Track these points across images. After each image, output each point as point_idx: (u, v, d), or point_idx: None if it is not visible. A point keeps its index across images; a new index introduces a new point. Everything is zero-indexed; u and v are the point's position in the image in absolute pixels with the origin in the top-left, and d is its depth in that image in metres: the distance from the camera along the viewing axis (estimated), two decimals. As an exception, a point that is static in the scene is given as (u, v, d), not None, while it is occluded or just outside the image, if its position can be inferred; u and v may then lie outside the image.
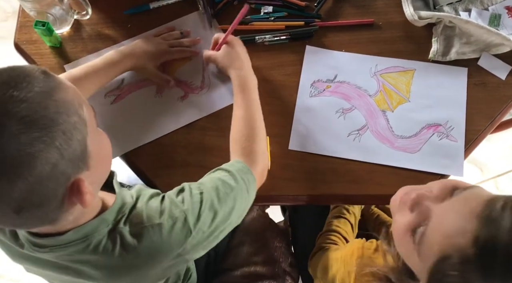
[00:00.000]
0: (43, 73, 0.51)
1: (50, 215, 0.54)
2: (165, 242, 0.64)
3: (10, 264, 0.74)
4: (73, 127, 0.51)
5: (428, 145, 0.88)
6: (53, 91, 0.50)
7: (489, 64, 0.94)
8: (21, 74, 0.49)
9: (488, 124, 0.90)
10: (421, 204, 0.55)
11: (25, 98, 0.47)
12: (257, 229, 1.06)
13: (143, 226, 0.64)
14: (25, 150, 0.46)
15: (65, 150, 0.49)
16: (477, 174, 1.81)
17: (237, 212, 0.73)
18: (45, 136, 0.48)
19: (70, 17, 0.96)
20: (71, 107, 0.51)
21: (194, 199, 0.68)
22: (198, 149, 0.89)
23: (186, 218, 0.66)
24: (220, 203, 0.70)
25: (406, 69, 0.95)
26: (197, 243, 0.68)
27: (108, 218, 0.63)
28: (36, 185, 0.48)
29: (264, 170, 0.82)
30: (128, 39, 0.98)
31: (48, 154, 0.48)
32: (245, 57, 0.90)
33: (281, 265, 1.02)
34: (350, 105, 0.92)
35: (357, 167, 0.88)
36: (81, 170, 0.53)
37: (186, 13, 1.01)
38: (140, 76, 0.95)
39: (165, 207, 0.67)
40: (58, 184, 0.51)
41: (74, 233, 0.60)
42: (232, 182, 0.72)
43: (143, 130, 0.91)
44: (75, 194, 0.53)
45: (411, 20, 0.96)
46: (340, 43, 0.98)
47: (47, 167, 0.48)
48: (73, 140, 0.51)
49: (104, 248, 0.62)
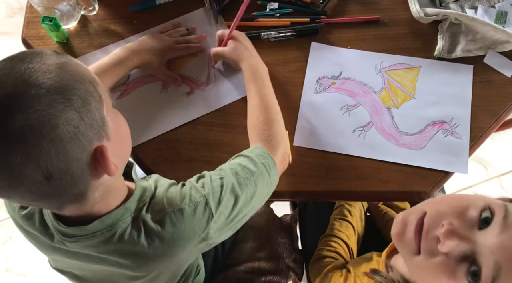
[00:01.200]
0: (54, 51, 0.55)
1: (78, 185, 0.54)
2: (187, 227, 0.65)
3: (17, 258, 0.75)
4: (89, 94, 0.53)
5: (432, 142, 0.89)
6: (66, 64, 0.53)
7: (495, 62, 0.94)
8: (34, 52, 0.53)
9: (493, 122, 0.90)
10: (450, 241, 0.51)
11: (40, 69, 0.50)
12: (261, 224, 1.07)
13: (165, 212, 0.65)
14: (46, 110, 0.48)
15: (84, 114, 0.52)
16: (482, 173, 1.80)
17: (259, 197, 0.74)
18: (63, 98, 0.50)
19: (77, 12, 0.97)
20: (85, 78, 0.54)
21: (214, 184, 0.69)
22: (203, 144, 0.90)
23: (207, 202, 0.67)
24: (241, 188, 0.70)
25: (412, 66, 0.95)
26: (220, 227, 0.69)
27: (131, 207, 0.64)
28: (61, 146, 0.50)
29: (285, 154, 0.82)
30: (134, 35, 0.98)
31: (67, 114, 0.50)
32: (252, 48, 0.91)
33: (285, 261, 1.03)
34: (355, 102, 0.92)
35: (362, 163, 0.88)
36: (102, 137, 0.55)
37: (192, 9, 1.01)
38: (146, 72, 0.95)
39: (185, 192, 0.68)
40: (81, 147, 0.52)
41: (100, 222, 0.61)
42: (252, 166, 0.73)
43: (149, 126, 0.91)
44: (99, 161, 0.54)
45: (417, 17, 0.96)
46: (346, 40, 0.98)
47: (68, 127, 0.50)
48: (91, 106, 0.53)
49: (129, 236, 0.63)
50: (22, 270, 1.61)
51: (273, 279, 1.00)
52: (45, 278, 1.57)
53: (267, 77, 0.88)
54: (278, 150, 0.80)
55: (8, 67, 0.50)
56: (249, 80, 0.87)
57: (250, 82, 0.86)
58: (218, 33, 0.93)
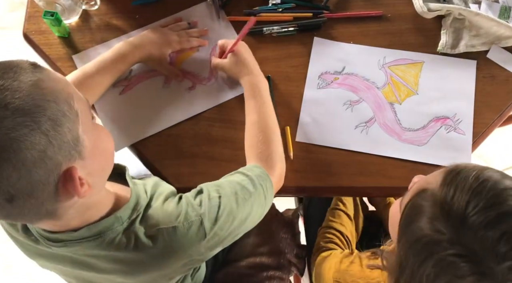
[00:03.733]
0: (32, 65, 0.52)
1: (46, 206, 0.52)
2: (179, 245, 0.64)
3: (18, 258, 0.75)
4: (62, 114, 0.50)
5: (435, 138, 0.88)
6: (41, 81, 0.50)
7: (498, 57, 0.93)
8: (8, 66, 0.50)
9: (496, 118, 0.90)
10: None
11: (11, 86, 0.48)
12: (263, 220, 1.06)
13: (159, 228, 0.63)
14: (9, 135, 0.46)
15: (53, 137, 0.49)
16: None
17: (253, 218, 0.73)
18: (30, 121, 0.47)
19: (79, 7, 0.97)
20: (60, 96, 0.51)
21: (212, 203, 0.68)
22: (206, 140, 0.90)
23: (202, 222, 0.65)
24: (238, 208, 0.69)
25: (415, 61, 0.94)
26: (212, 246, 0.68)
27: (122, 216, 0.63)
28: (24, 170, 0.48)
29: (282, 174, 0.81)
30: (136, 30, 0.98)
31: (33, 138, 0.47)
32: (253, 62, 0.89)
33: (287, 256, 1.03)
34: (357, 98, 0.92)
35: (364, 159, 0.88)
36: (74, 158, 0.52)
37: (194, 3, 1.01)
38: (148, 67, 0.95)
39: (181, 209, 0.66)
40: (48, 170, 0.50)
41: (88, 230, 0.60)
42: (250, 187, 0.72)
43: (151, 121, 0.91)
44: (68, 182, 0.52)
45: (420, 12, 0.95)
46: (348, 35, 0.97)
47: (33, 151, 0.48)
48: (63, 127, 0.50)
49: (119, 243, 0.62)
50: (24, 269, 1.61)
51: (275, 275, 1.00)
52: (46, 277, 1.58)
53: (267, 93, 0.86)
54: (276, 170, 0.79)
55: None
56: (248, 97, 0.86)
57: (249, 98, 0.85)
58: (220, 43, 0.91)
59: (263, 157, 0.79)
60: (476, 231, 0.49)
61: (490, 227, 0.49)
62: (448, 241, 0.50)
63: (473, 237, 0.49)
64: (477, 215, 0.50)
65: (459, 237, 0.50)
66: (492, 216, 0.49)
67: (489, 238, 0.48)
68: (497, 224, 0.49)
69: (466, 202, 0.51)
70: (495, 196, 0.51)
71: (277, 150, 0.81)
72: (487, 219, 0.49)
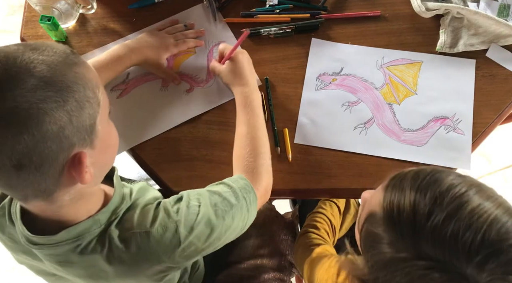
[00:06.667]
0: (71, 51, 0.55)
1: (47, 183, 0.53)
2: (152, 251, 0.63)
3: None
4: (86, 99, 0.53)
5: (435, 138, 0.88)
6: (76, 65, 0.54)
7: (497, 56, 0.93)
8: (50, 45, 0.53)
9: (496, 117, 0.89)
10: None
11: (47, 61, 0.51)
12: (264, 221, 1.06)
13: (132, 232, 0.63)
14: (37, 104, 0.48)
15: (74, 117, 0.51)
16: (485, 166, 1.80)
17: (234, 231, 0.72)
18: (59, 98, 0.50)
19: (76, 11, 0.96)
20: (89, 83, 0.54)
21: (190, 210, 0.67)
22: (204, 142, 0.89)
23: (177, 229, 0.64)
24: (218, 220, 0.68)
25: (413, 61, 0.94)
26: (188, 256, 0.67)
27: (101, 219, 0.63)
28: (40, 142, 0.49)
29: (268, 188, 0.80)
30: (133, 33, 0.98)
31: (58, 114, 0.50)
32: (250, 72, 0.89)
33: (287, 258, 1.03)
34: (356, 98, 0.92)
35: (363, 160, 0.87)
36: (86, 144, 0.54)
37: (191, 6, 1.00)
38: (145, 70, 0.95)
39: (157, 214, 0.65)
40: (60, 148, 0.51)
41: (66, 232, 0.60)
42: (233, 199, 0.71)
43: (149, 125, 0.91)
44: (75, 166, 0.53)
45: (418, 12, 0.95)
46: (346, 35, 0.97)
47: (54, 126, 0.50)
48: (84, 111, 0.53)
49: (92, 250, 0.62)
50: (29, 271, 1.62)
51: (276, 276, 1.00)
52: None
53: (259, 105, 0.86)
54: (261, 184, 0.78)
55: (19, 52, 0.50)
56: (239, 107, 0.85)
57: (240, 109, 0.85)
58: (220, 48, 0.90)
59: (249, 169, 0.78)
60: (434, 240, 0.50)
61: (444, 226, 0.49)
62: (414, 258, 0.51)
63: (432, 247, 0.50)
64: (429, 221, 0.51)
65: (421, 251, 0.50)
66: (442, 216, 0.50)
67: (447, 241, 0.49)
68: (449, 222, 0.49)
69: (412, 206, 0.52)
70: (439, 194, 0.52)
71: (265, 163, 0.80)
72: (438, 221, 0.50)
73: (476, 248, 0.48)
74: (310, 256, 0.88)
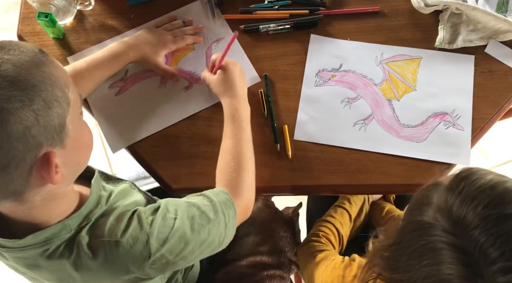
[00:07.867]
0: (39, 50, 0.54)
1: (15, 184, 0.52)
2: (120, 261, 0.62)
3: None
4: (55, 99, 0.52)
5: (434, 134, 0.88)
6: (43, 64, 0.53)
7: (496, 52, 0.93)
8: (16, 44, 0.53)
9: (495, 113, 0.89)
10: None
11: (13, 60, 0.50)
12: (263, 219, 1.06)
13: (102, 241, 0.61)
14: (1, 104, 0.48)
15: (42, 116, 0.51)
16: (482, 161, 1.80)
17: (210, 246, 0.70)
18: (24, 97, 0.49)
19: (73, 8, 0.96)
20: (57, 82, 0.53)
21: (165, 223, 0.65)
22: (203, 139, 0.89)
23: (148, 241, 0.62)
24: (193, 234, 0.66)
25: (412, 57, 0.94)
26: (159, 268, 0.65)
27: (71, 224, 0.61)
28: (5, 142, 0.49)
29: (249, 205, 0.79)
30: (131, 30, 0.97)
31: (23, 113, 0.49)
32: (241, 84, 0.86)
33: (287, 255, 1.03)
34: (355, 95, 0.91)
35: (363, 156, 0.87)
36: (55, 144, 0.54)
37: (189, 2, 1.00)
38: (143, 67, 0.94)
39: (130, 224, 0.63)
40: (27, 148, 0.50)
41: (33, 237, 0.59)
42: (211, 214, 0.69)
43: (148, 122, 0.91)
44: (44, 166, 0.52)
45: (417, 7, 0.95)
46: (345, 31, 0.96)
47: (20, 126, 0.49)
48: (52, 111, 0.52)
49: (60, 255, 0.60)
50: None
51: (275, 273, 0.99)
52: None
53: (247, 119, 0.84)
54: (242, 200, 0.77)
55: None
56: (226, 120, 0.83)
57: (227, 122, 0.83)
58: (213, 58, 0.89)
59: (232, 184, 0.77)
60: (472, 230, 0.50)
61: (487, 228, 0.49)
62: (444, 230, 0.52)
63: (469, 236, 0.50)
64: (477, 217, 0.51)
65: (455, 231, 0.51)
66: (492, 218, 0.50)
67: (482, 239, 0.49)
68: (494, 227, 0.49)
69: (469, 203, 0.53)
70: (497, 198, 0.52)
71: (248, 180, 0.79)
72: (485, 221, 0.50)
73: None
74: (313, 261, 0.88)
